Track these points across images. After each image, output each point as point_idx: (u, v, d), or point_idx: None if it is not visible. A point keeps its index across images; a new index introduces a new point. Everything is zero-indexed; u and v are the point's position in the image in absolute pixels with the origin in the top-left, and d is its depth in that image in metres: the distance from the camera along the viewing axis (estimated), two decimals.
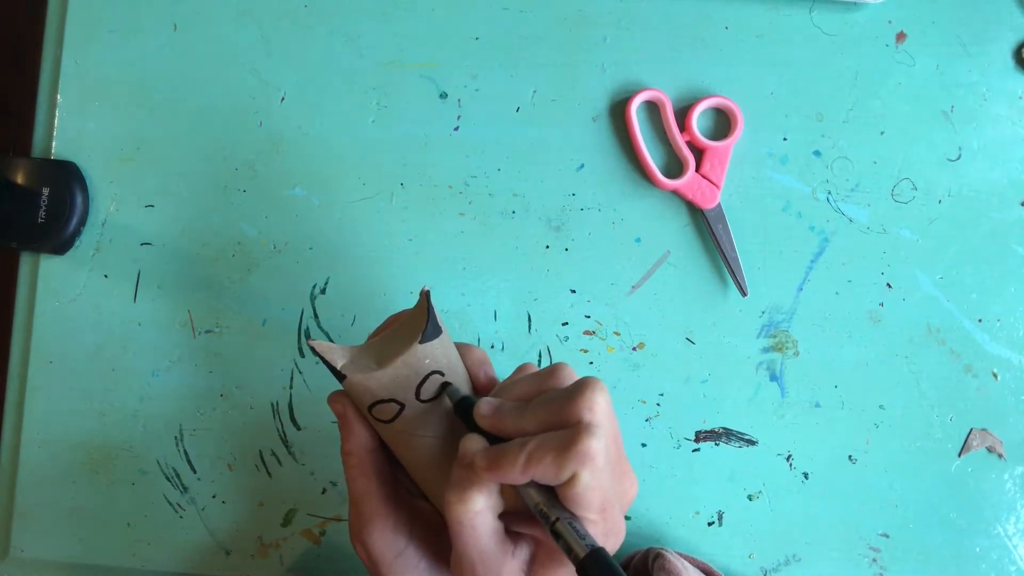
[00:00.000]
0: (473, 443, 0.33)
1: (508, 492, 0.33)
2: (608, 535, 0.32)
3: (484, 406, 0.34)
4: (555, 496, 0.31)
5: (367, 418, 0.37)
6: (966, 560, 0.50)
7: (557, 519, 0.31)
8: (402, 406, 0.35)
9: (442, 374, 0.36)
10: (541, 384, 0.34)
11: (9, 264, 0.54)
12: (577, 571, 0.30)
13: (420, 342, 0.35)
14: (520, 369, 0.38)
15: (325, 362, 0.35)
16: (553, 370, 0.35)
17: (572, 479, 0.30)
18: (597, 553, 0.30)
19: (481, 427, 0.34)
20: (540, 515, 0.31)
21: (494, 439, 0.33)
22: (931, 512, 0.51)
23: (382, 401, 0.35)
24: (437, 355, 0.35)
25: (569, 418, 0.31)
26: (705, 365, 0.51)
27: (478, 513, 0.31)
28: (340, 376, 0.35)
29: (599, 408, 0.31)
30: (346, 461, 0.37)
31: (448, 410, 0.36)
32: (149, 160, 0.53)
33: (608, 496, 0.31)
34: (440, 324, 0.36)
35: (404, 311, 0.39)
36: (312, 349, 0.35)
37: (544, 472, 0.30)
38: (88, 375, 0.53)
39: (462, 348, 0.38)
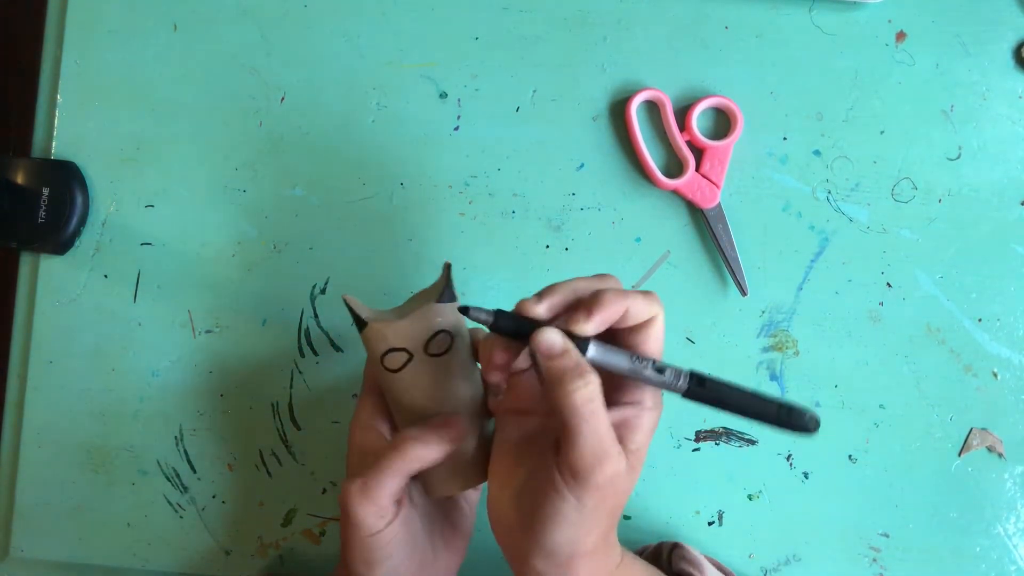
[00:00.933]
0: (551, 332, 0.34)
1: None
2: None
3: (528, 302, 0.36)
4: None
5: (378, 371, 0.40)
6: (966, 560, 0.50)
7: (653, 360, 0.35)
8: (411, 356, 0.39)
9: (451, 336, 0.39)
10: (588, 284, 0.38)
11: (9, 264, 0.54)
12: (686, 394, 0.34)
13: (436, 301, 0.39)
14: None
15: (353, 313, 0.39)
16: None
17: (654, 319, 0.35)
18: (698, 373, 0.35)
19: (538, 317, 0.35)
20: (636, 363, 0.35)
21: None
22: (931, 512, 0.51)
23: (394, 349, 0.39)
24: (449, 317, 0.39)
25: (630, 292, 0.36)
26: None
27: (599, 393, 0.33)
28: (363, 324, 0.39)
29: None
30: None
31: (449, 369, 0.39)
32: (149, 160, 0.53)
33: None
34: (456, 295, 0.40)
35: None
36: (344, 301, 0.40)
37: (639, 307, 0.34)
38: (88, 375, 0.53)
39: (473, 330, 0.42)
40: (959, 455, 0.51)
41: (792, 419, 0.34)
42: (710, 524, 0.51)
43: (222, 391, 0.52)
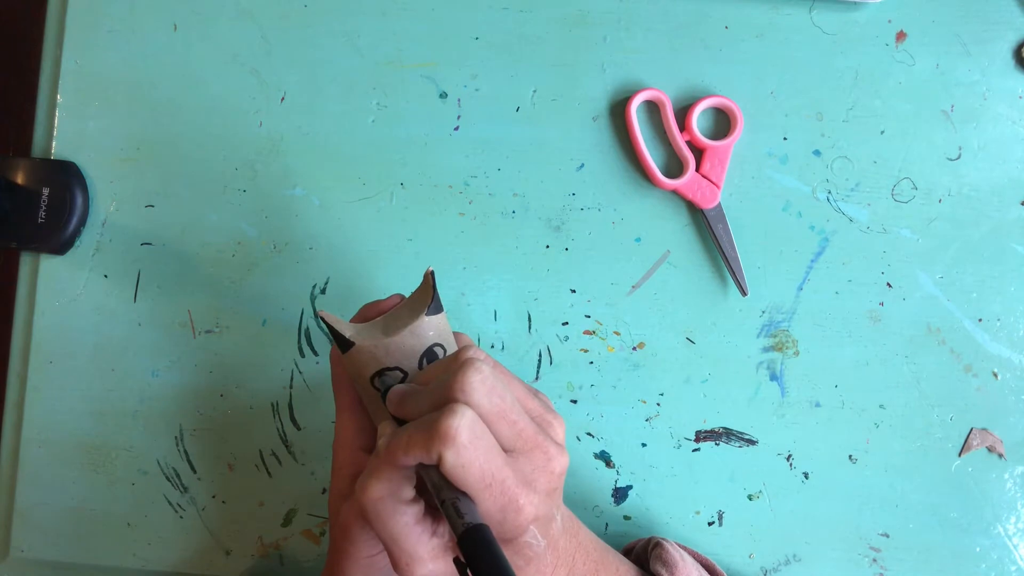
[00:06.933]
0: (385, 428, 0.34)
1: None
2: (505, 510, 0.32)
3: (393, 393, 0.35)
4: None
5: (365, 390, 0.37)
6: (966, 560, 0.50)
7: (443, 500, 0.31)
8: (405, 374, 0.36)
9: (444, 348, 0.37)
10: (448, 366, 0.35)
11: (9, 264, 0.54)
12: (459, 549, 0.30)
13: (427, 315, 0.36)
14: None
15: (333, 331, 0.36)
16: (458, 351, 0.35)
17: (439, 460, 0.31)
18: (471, 531, 0.30)
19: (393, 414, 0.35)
20: (436, 497, 0.32)
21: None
22: (931, 512, 0.51)
23: (388, 369, 0.36)
24: (441, 329, 0.37)
25: (447, 399, 0.32)
26: (705, 365, 0.51)
27: (379, 499, 0.32)
28: (348, 344, 0.36)
29: (469, 386, 0.32)
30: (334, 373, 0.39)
31: None
32: (149, 160, 0.53)
33: (490, 471, 0.31)
34: (441, 304, 0.38)
35: (379, 301, 0.40)
36: (321, 319, 0.36)
37: (421, 455, 0.31)
38: (88, 375, 0.53)
39: (459, 335, 0.40)
40: (959, 455, 0.51)
41: None
42: (710, 524, 0.51)
43: (222, 391, 0.52)
